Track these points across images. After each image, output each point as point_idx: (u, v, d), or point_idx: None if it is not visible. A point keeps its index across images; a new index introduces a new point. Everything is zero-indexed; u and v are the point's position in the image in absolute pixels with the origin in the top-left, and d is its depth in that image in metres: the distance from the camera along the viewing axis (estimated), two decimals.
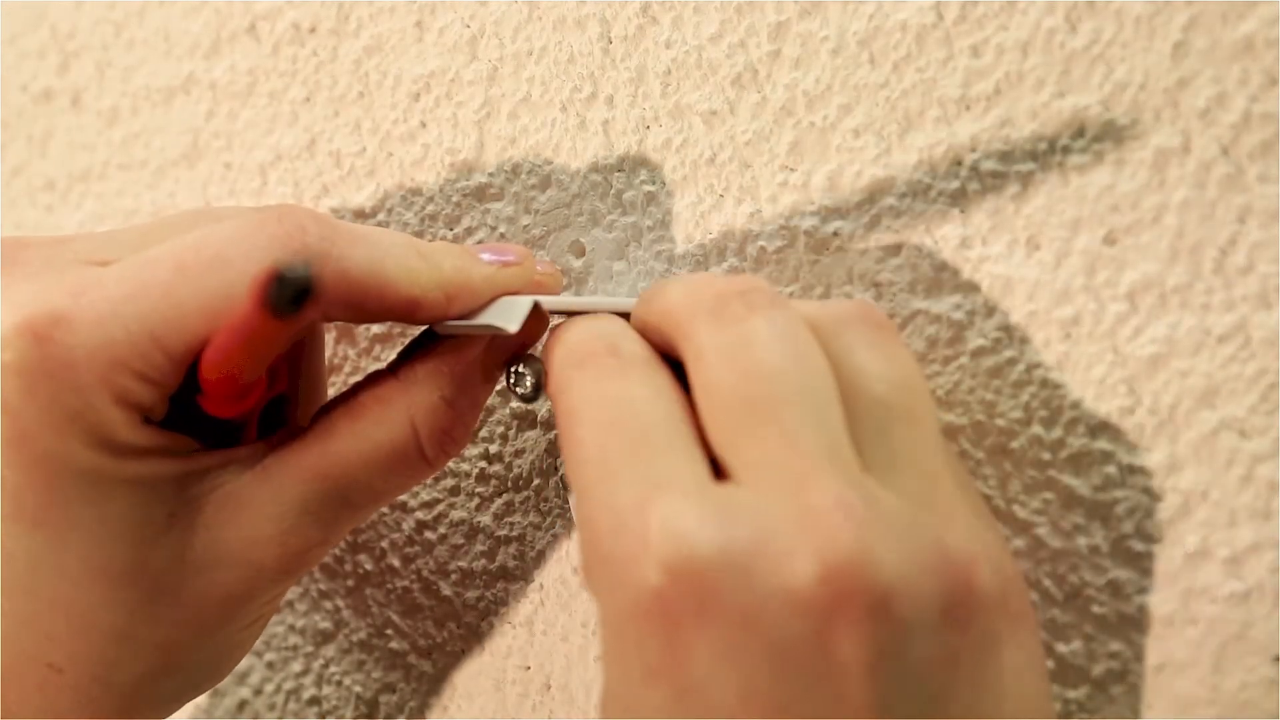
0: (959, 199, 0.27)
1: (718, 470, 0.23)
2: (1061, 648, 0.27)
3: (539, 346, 0.29)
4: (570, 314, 0.27)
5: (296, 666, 0.37)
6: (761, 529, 0.21)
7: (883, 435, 0.23)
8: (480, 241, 0.33)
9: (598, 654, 0.32)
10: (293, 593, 0.36)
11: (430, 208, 0.33)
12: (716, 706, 0.21)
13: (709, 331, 0.23)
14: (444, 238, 0.33)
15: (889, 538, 0.21)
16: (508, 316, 0.26)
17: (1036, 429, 0.27)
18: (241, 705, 0.38)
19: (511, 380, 0.28)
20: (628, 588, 0.21)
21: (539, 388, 0.27)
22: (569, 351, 0.25)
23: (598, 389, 0.24)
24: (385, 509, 0.35)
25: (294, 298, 0.20)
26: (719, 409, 0.23)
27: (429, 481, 0.34)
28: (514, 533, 0.33)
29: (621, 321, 0.26)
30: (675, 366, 0.24)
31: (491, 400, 0.33)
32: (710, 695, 0.21)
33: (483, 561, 0.34)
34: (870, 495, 0.21)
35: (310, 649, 0.36)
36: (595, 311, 0.27)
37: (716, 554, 0.21)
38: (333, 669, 0.36)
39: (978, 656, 0.21)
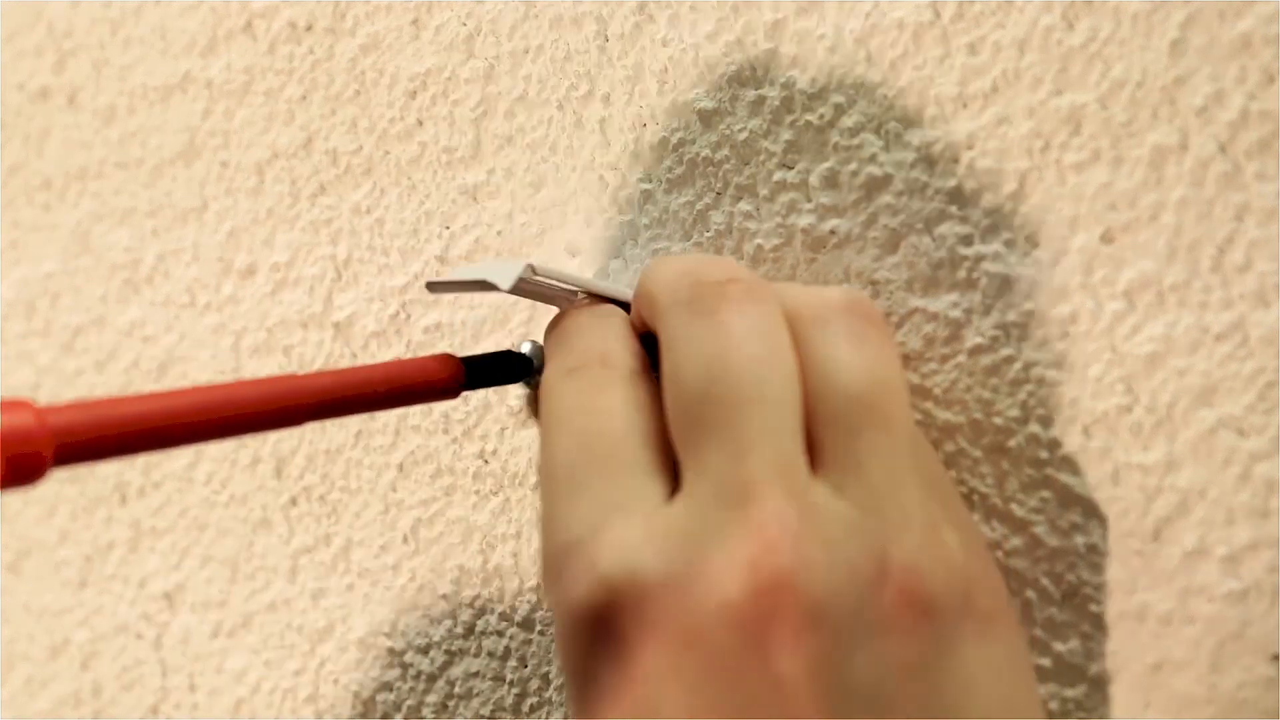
0: (956, 197, 0.27)
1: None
2: (1059, 646, 0.27)
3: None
4: (564, 286, 0.27)
5: (293, 665, 0.37)
6: (700, 549, 0.21)
7: (849, 437, 0.23)
8: (477, 240, 0.33)
9: None
10: (289, 591, 0.36)
11: (426, 205, 0.33)
12: None
13: (681, 323, 0.24)
14: (440, 236, 0.33)
15: (824, 549, 0.21)
16: (501, 274, 0.26)
17: (1034, 427, 0.27)
18: (238, 704, 0.38)
19: None
20: (576, 606, 0.22)
21: (541, 372, 0.27)
22: (564, 354, 0.25)
23: (579, 400, 0.24)
24: (381, 507, 0.35)
25: None
26: (679, 405, 0.23)
27: (425, 479, 0.34)
28: (511, 530, 0.33)
29: (621, 320, 0.26)
30: None
31: (488, 398, 0.33)
32: (662, 711, 0.21)
33: (479, 560, 0.34)
34: (810, 506, 0.22)
35: (307, 647, 0.36)
36: (591, 291, 0.27)
37: (658, 577, 0.21)
38: (329, 667, 0.36)
39: (935, 662, 0.22)
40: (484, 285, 0.26)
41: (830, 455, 0.23)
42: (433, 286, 0.27)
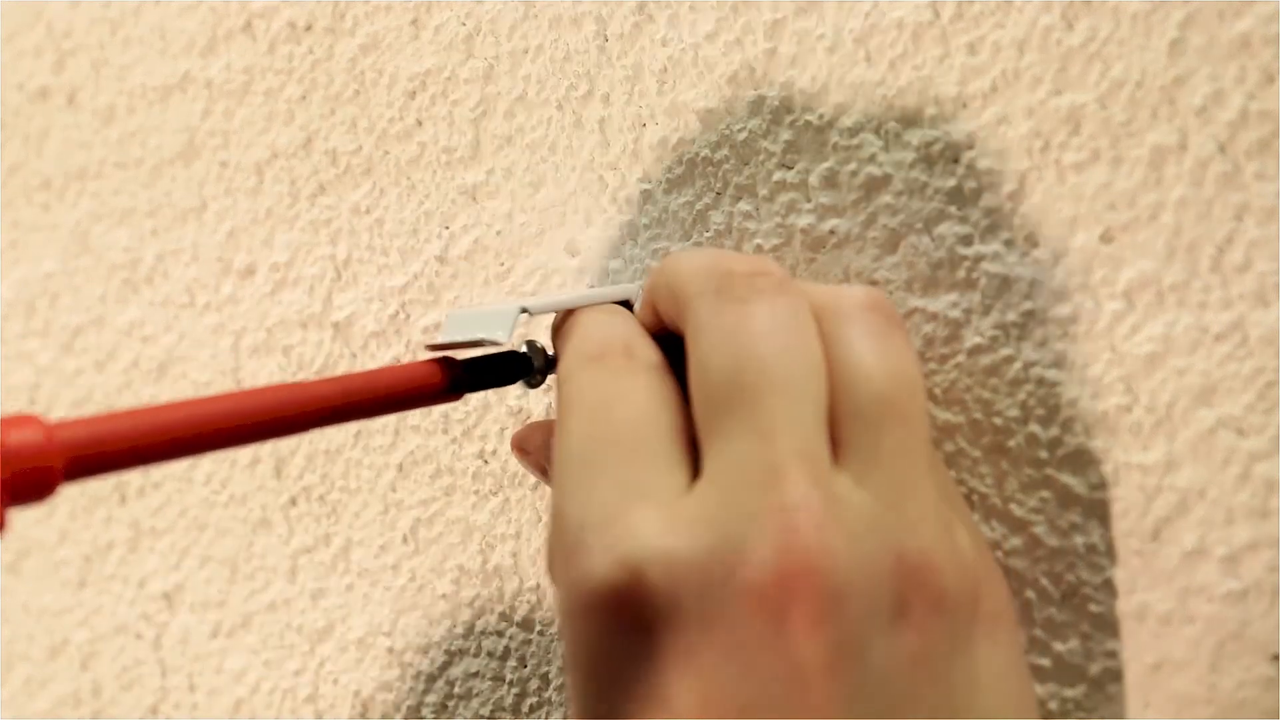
0: (956, 197, 0.27)
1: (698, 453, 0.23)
2: (1059, 646, 0.27)
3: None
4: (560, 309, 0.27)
5: (293, 665, 0.37)
6: (725, 531, 0.21)
7: (869, 432, 0.23)
8: (476, 240, 0.33)
9: None
10: (289, 591, 0.36)
11: (426, 205, 0.33)
12: (680, 709, 0.21)
13: (710, 310, 0.24)
14: (440, 236, 0.33)
15: (846, 539, 0.21)
16: (498, 327, 0.26)
17: (1033, 427, 0.27)
18: (238, 704, 0.38)
19: None
20: (592, 588, 0.22)
21: (543, 373, 0.27)
22: (584, 341, 0.25)
23: (602, 385, 0.24)
24: (381, 507, 0.35)
25: None
26: (705, 389, 0.23)
27: (425, 479, 0.34)
28: (510, 530, 0.33)
29: (633, 319, 0.26)
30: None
31: (488, 398, 0.33)
32: (674, 699, 0.21)
33: (479, 560, 0.34)
34: (834, 496, 0.22)
35: (307, 647, 0.36)
36: (588, 304, 0.27)
37: (681, 557, 0.21)
38: (329, 667, 0.36)
39: (946, 658, 0.22)
40: (483, 341, 0.26)
41: (851, 448, 0.23)
42: (433, 349, 0.27)
